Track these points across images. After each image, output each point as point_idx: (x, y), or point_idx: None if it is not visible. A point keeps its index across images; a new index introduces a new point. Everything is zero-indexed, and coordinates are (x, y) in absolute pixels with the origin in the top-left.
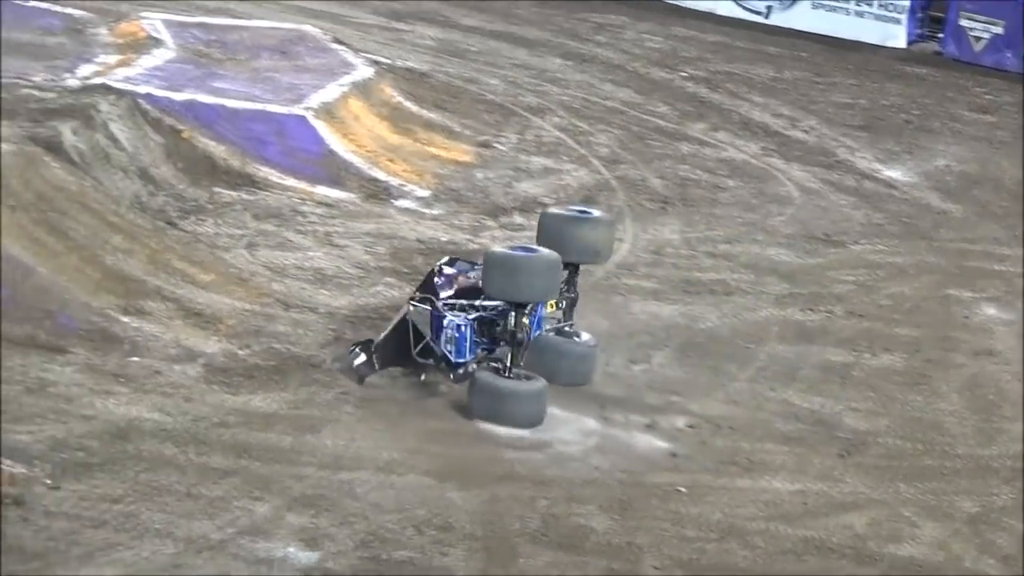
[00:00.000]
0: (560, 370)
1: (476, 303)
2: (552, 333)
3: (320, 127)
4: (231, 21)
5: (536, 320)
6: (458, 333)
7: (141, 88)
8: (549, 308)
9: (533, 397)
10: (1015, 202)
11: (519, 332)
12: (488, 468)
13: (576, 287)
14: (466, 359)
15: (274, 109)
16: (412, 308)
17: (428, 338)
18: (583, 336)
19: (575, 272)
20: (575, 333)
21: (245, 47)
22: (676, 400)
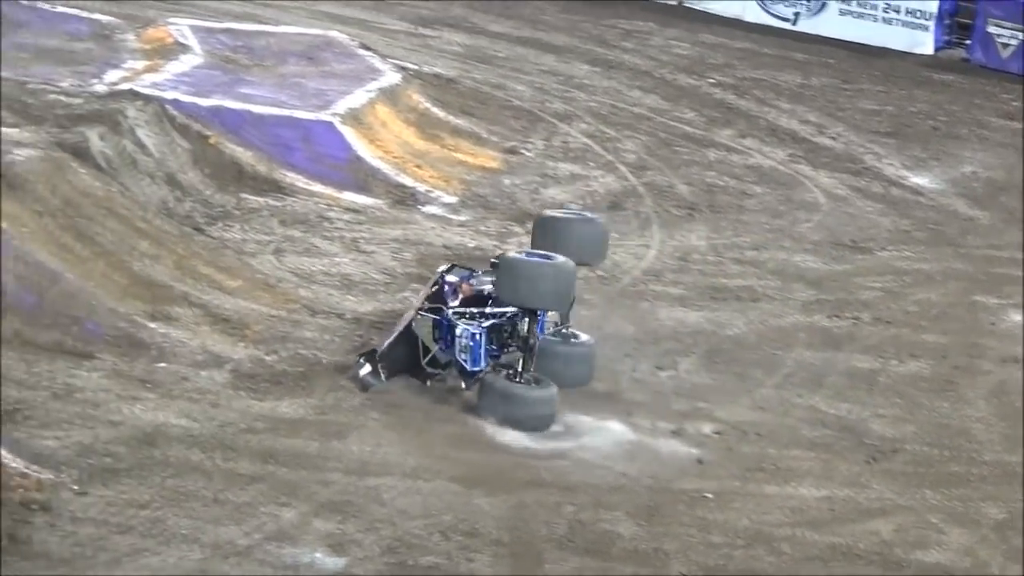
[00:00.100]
0: (560, 372)
1: (487, 311)
2: (551, 335)
3: (347, 133)
4: (258, 27)
5: (540, 324)
6: (473, 342)
7: (168, 94)
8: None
9: (546, 402)
10: None
11: (531, 338)
12: (514, 474)
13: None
14: (481, 367)
15: (301, 115)
16: (420, 318)
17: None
18: (581, 337)
19: None
20: (572, 334)
21: (272, 53)
22: (703, 406)
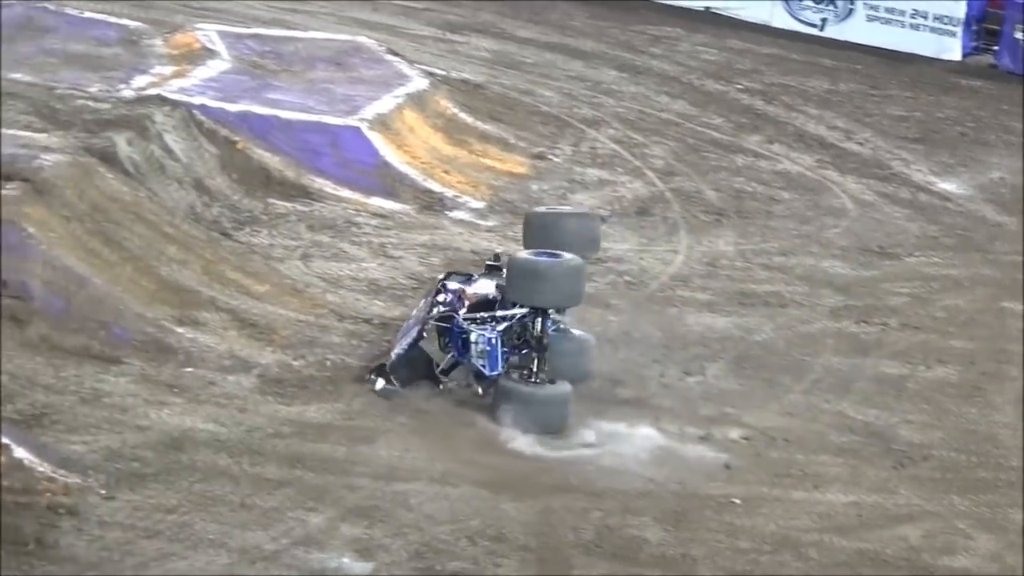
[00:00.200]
0: (560, 367)
1: (497, 314)
2: (551, 332)
3: (375, 138)
4: (286, 32)
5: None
6: (489, 346)
7: (196, 99)
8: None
9: (562, 401)
10: None
11: (545, 337)
12: (541, 479)
13: None
14: (499, 371)
15: (329, 120)
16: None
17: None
18: (577, 333)
19: None
20: (568, 330)
21: (300, 58)
22: (731, 412)
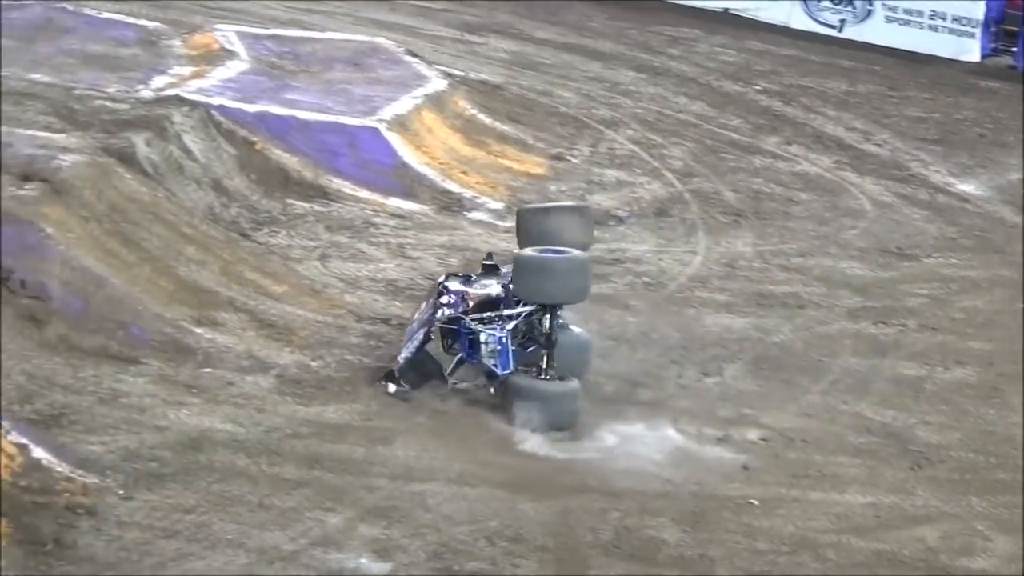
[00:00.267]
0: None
1: (504, 313)
2: None
3: (393, 139)
4: (304, 33)
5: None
6: (500, 346)
7: (214, 99)
8: None
9: (572, 397)
10: None
11: (553, 334)
12: (560, 480)
13: None
14: (511, 370)
15: (347, 121)
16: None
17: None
18: (575, 330)
19: None
20: (565, 326)
21: (318, 59)
22: (749, 413)
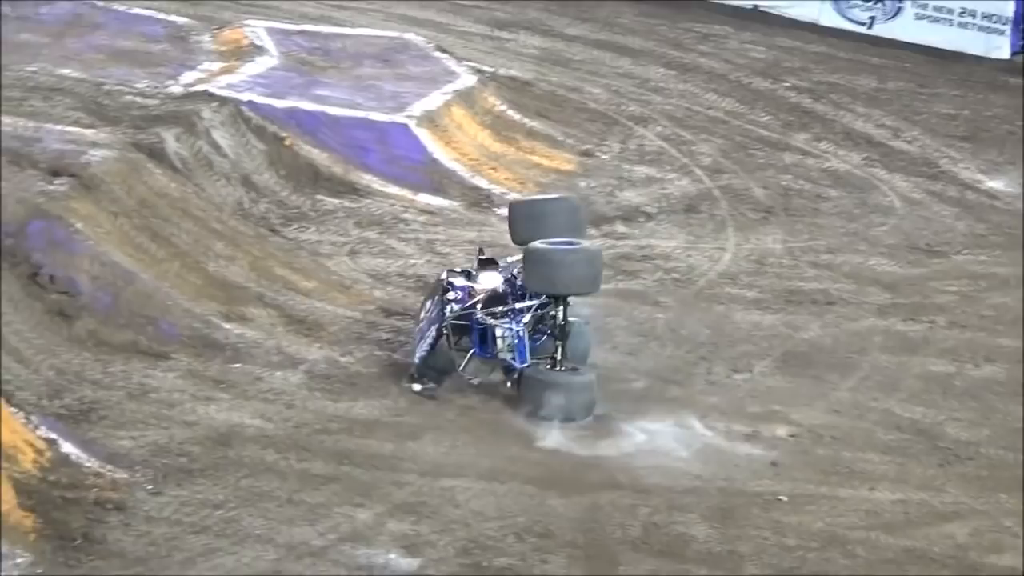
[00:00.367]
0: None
1: (516, 306)
2: None
3: (423, 135)
4: (334, 29)
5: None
6: (518, 339)
7: (244, 95)
8: None
9: (589, 387)
10: None
11: (567, 325)
12: (588, 476)
13: None
14: (528, 363)
15: (376, 117)
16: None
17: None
18: (574, 319)
19: None
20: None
21: (348, 55)
22: (778, 409)
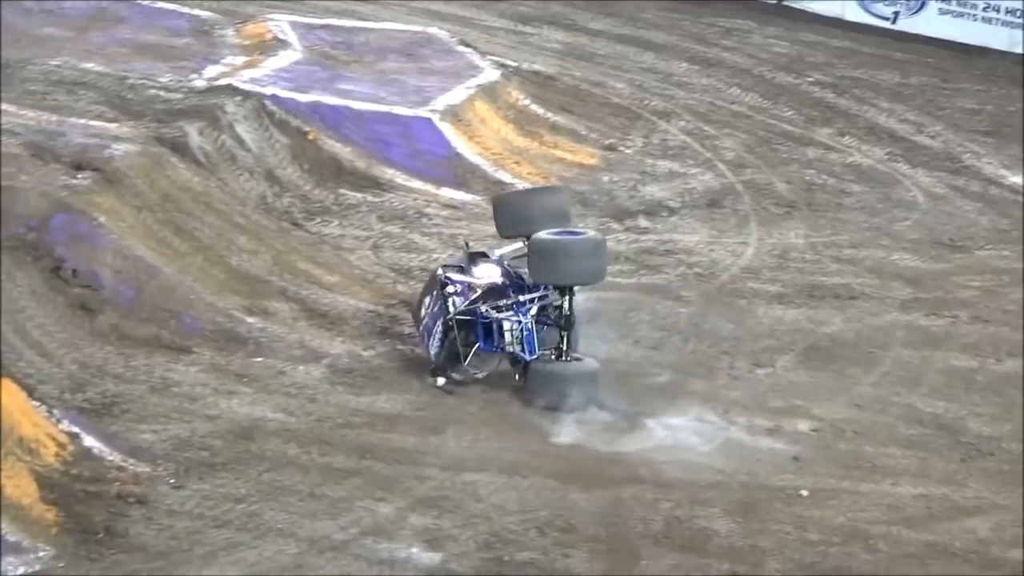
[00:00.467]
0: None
1: (521, 299)
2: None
3: (446, 129)
4: (357, 23)
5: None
6: (527, 331)
7: (267, 89)
8: None
9: (593, 377)
10: None
11: (572, 315)
12: (610, 470)
13: None
14: (536, 355)
15: (400, 111)
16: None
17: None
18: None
19: None
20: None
21: (371, 49)
22: (800, 404)
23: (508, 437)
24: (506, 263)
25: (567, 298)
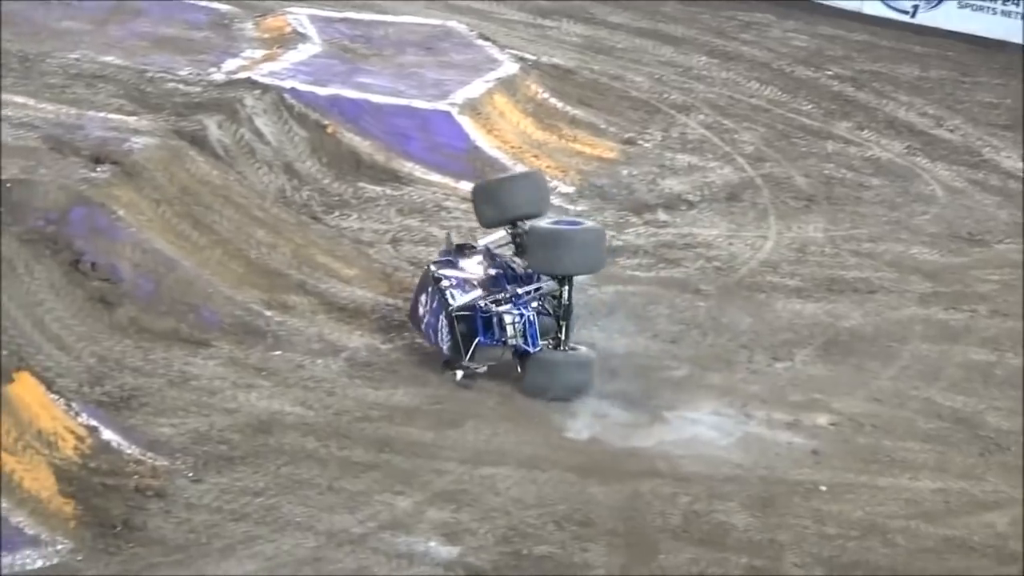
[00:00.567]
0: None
1: (519, 291)
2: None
3: (465, 123)
4: (377, 16)
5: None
6: (529, 323)
7: (286, 83)
8: None
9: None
10: None
11: (571, 305)
12: (629, 464)
13: None
14: (540, 346)
15: (419, 105)
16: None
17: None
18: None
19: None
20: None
21: (390, 43)
22: (819, 398)
23: (526, 431)
24: (495, 254)
25: (566, 288)
